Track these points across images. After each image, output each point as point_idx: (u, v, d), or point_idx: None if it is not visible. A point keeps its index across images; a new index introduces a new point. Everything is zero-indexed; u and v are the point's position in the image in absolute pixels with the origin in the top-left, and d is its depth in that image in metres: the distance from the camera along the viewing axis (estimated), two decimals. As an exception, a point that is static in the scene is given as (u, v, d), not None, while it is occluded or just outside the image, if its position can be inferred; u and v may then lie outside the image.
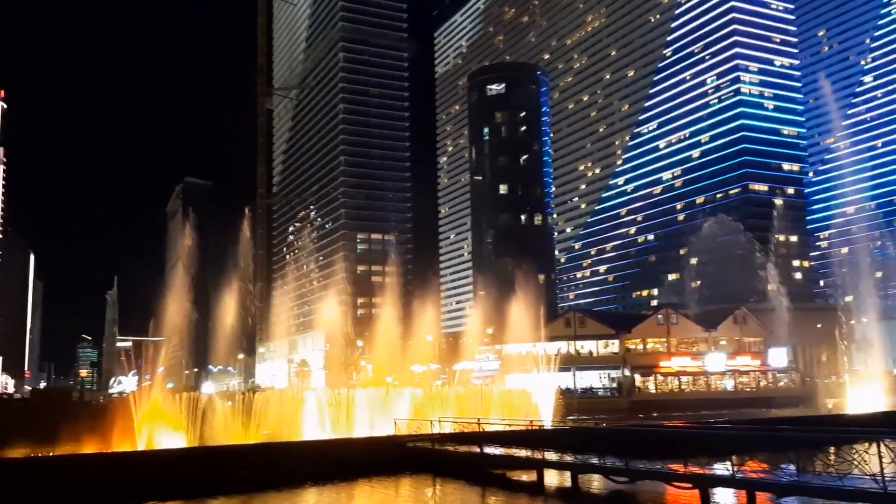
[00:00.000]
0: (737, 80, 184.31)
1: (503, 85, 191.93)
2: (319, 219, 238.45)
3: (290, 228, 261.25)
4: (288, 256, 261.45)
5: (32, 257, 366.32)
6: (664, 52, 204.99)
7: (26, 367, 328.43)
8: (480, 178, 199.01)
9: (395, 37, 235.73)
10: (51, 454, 46.09)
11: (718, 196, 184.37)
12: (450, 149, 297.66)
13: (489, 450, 41.66)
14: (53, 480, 36.56)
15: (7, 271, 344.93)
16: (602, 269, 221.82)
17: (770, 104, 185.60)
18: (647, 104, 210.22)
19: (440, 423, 48.81)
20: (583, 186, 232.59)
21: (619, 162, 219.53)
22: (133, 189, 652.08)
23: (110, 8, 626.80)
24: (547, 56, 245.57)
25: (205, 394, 63.50)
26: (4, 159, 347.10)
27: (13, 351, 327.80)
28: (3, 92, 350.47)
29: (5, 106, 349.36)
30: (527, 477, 40.02)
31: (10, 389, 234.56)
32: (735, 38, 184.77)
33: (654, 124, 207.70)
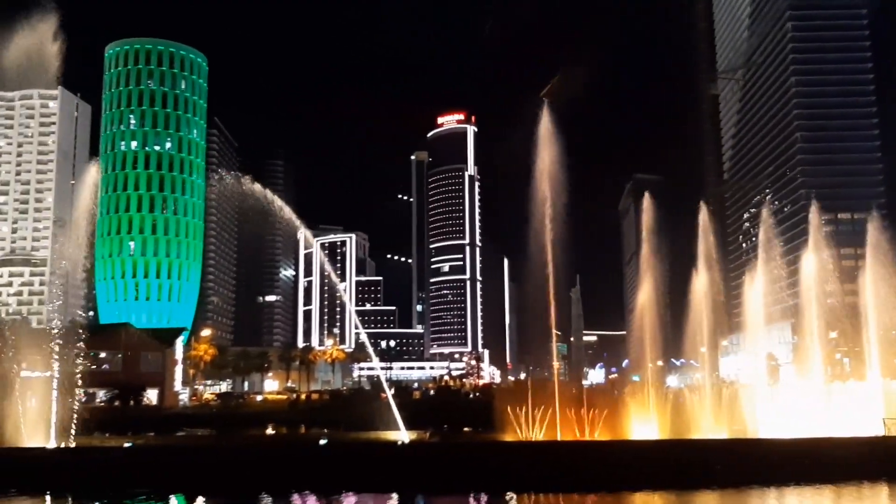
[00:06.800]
0: None
1: None
2: (777, 202, 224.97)
3: (745, 216, 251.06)
4: (744, 245, 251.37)
5: (506, 262, 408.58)
6: None
7: (508, 360, 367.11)
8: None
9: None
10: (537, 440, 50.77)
11: None
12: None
13: None
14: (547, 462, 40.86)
15: (487, 276, 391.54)
16: None
17: None
18: None
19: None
20: None
21: None
22: (587, 191, 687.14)
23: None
24: None
25: (671, 387, 64.72)
26: (479, 177, 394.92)
27: (497, 346, 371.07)
28: (474, 118, 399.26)
29: (476, 129, 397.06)
30: None
31: (497, 380, 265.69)
32: None
33: None
